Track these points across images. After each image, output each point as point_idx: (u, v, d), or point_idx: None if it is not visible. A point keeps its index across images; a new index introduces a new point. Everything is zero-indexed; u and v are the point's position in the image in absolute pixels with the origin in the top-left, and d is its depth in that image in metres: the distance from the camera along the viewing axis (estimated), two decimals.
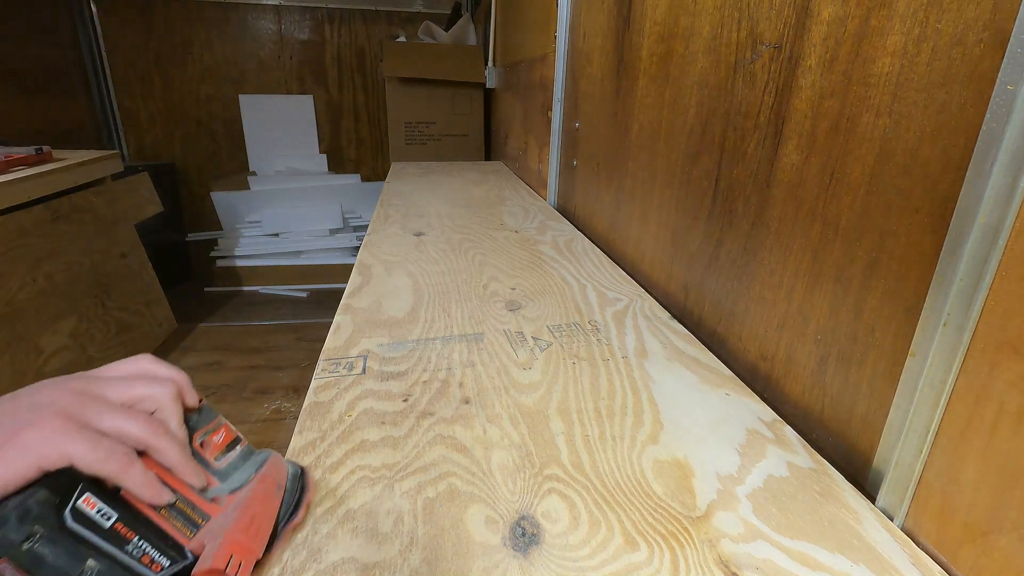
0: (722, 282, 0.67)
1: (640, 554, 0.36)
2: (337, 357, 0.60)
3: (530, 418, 0.51)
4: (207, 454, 0.35)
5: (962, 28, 0.37)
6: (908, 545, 0.39)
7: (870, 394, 0.46)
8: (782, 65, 0.55)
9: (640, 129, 0.91)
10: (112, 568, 0.27)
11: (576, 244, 1.06)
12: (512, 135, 2.04)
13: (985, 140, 0.34)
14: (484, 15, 2.47)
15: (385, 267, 0.89)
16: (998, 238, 0.34)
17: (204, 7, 2.83)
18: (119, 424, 0.30)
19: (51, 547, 0.26)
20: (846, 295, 0.48)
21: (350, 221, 2.89)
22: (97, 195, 1.87)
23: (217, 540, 0.30)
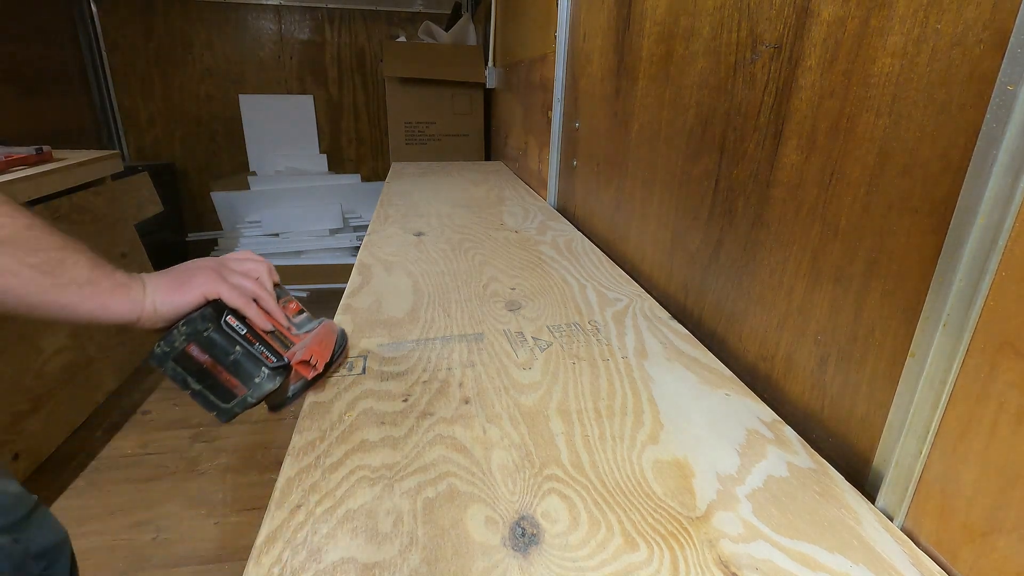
0: (722, 282, 0.67)
1: (640, 554, 0.36)
2: None
3: (530, 418, 0.51)
4: (286, 312, 0.57)
5: (962, 28, 0.37)
6: (908, 545, 0.39)
7: (870, 394, 0.46)
8: (782, 65, 0.55)
9: (640, 129, 0.91)
10: (246, 355, 0.49)
11: (576, 244, 1.06)
12: (512, 135, 2.04)
13: (985, 140, 0.34)
14: (484, 15, 2.47)
15: (385, 267, 0.89)
16: (998, 239, 0.34)
17: (204, 7, 2.83)
18: (241, 282, 0.53)
19: (217, 335, 0.48)
20: (846, 295, 0.48)
21: (350, 221, 2.89)
22: (97, 195, 1.87)
23: (302, 348, 0.52)
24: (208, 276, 0.51)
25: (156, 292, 0.49)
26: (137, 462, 1.47)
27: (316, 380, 0.54)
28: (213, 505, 1.33)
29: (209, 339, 0.48)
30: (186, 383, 0.49)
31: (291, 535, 0.37)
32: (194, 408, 1.73)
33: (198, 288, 0.50)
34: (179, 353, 0.48)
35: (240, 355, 0.49)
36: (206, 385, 0.49)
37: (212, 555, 1.20)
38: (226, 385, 0.49)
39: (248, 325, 0.51)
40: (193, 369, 0.48)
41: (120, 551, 1.19)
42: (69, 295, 0.45)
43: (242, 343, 0.50)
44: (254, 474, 1.44)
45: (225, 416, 0.50)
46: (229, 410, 0.50)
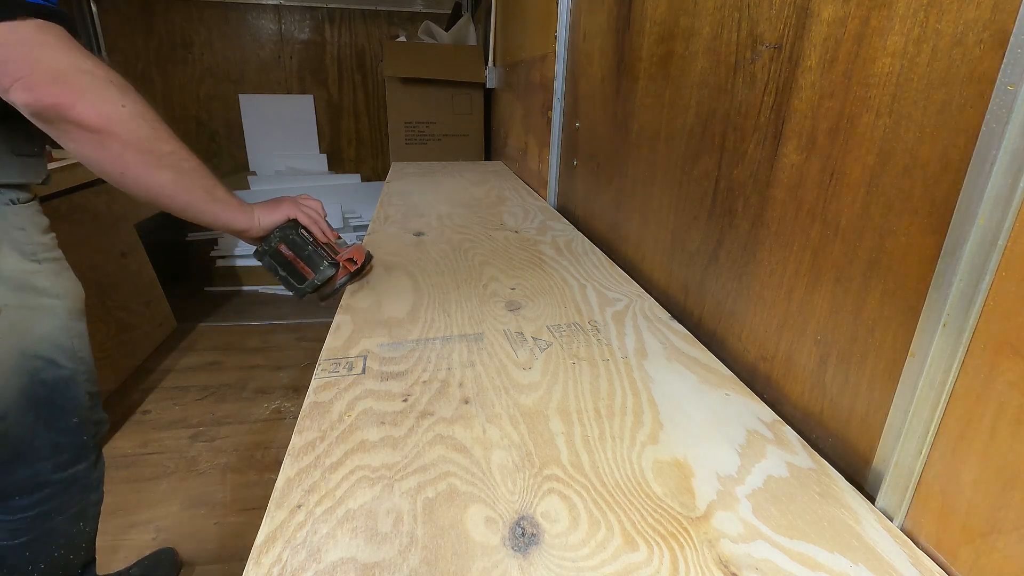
0: (722, 282, 0.67)
1: (640, 554, 0.36)
2: (337, 357, 0.60)
3: (530, 418, 0.51)
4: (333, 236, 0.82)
5: (962, 28, 0.37)
6: (907, 545, 0.39)
7: (870, 394, 0.46)
8: (782, 65, 0.55)
9: (640, 129, 0.91)
10: (314, 252, 0.74)
11: (576, 244, 1.06)
12: (512, 135, 2.04)
13: (985, 140, 0.34)
14: (484, 15, 2.47)
15: (385, 267, 0.89)
16: (998, 239, 0.34)
17: (204, 7, 2.83)
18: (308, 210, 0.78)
19: (297, 238, 0.74)
20: (846, 295, 0.48)
21: (350, 221, 2.89)
22: (97, 195, 1.87)
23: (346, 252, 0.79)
24: (289, 204, 0.77)
25: (260, 212, 0.75)
26: (137, 462, 1.47)
27: (354, 276, 0.81)
28: (213, 505, 1.33)
29: (292, 241, 0.75)
30: (276, 271, 0.77)
31: (291, 535, 0.37)
32: (194, 408, 1.74)
33: (283, 211, 0.76)
34: (274, 250, 0.76)
35: (310, 252, 0.76)
36: (288, 272, 0.77)
37: (212, 555, 1.20)
38: (301, 272, 0.76)
39: (312, 237, 0.78)
40: (281, 261, 0.76)
41: (120, 551, 1.19)
42: (217, 208, 0.69)
43: (311, 246, 0.76)
44: (254, 474, 1.44)
45: (300, 293, 0.78)
46: (303, 289, 0.77)
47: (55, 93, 0.55)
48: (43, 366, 0.71)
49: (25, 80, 0.54)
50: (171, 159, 0.63)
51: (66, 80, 0.56)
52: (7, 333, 0.67)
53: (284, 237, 0.75)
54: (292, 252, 0.75)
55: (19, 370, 0.69)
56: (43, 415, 0.73)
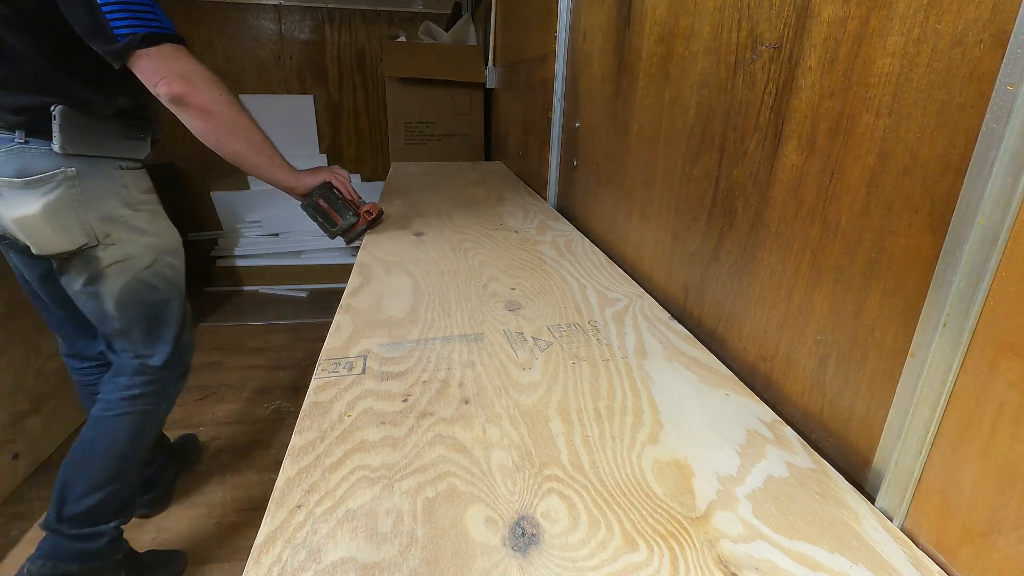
0: (722, 282, 0.67)
1: (640, 554, 0.36)
2: (337, 357, 0.60)
3: (530, 418, 0.51)
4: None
5: (962, 28, 0.37)
6: (907, 545, 0.39)
7: (869, 394, 0.46)
8: (782, 65, 0.55)
9: (640, 129, 0.91)
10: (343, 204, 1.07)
11: (576, 244, 1.06)
12: (512, 135, 2.04)
13: (985, 140, 0.34)
14: (484, 15, 2.47)
15: (385, 267, 0.89)
16: (998, 239, 0.34)
17: (204, 7, 2.83)
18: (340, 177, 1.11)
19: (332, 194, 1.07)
20: (846, 295, 0.48)
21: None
22: None
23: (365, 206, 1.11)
24: (325, 171, 1.09)
25: (305, 176, 1.05)
26: None
27: (371, 225, 1.12)
28: (213, 505, 1.33)
29: (327, 196, 1.06)
30: (315, 218, 1.08)
31: (291, 535, 0.37)
32: (194, 408, 1.74)
33: (322, 176, 1.08)
34: (314, 203, 1.06)
35: (340, 205, 1.07)
36: (324, 219, 1.07)
37: (212, 555, 1.20)
38: (334, 220, 1.07)
39: (341, 195, 1.08)
40: (320, 211, 1.07)
41: None
42: (275, 170, 0.99)
43: (340, 201, 1.07)
44: (254, 474, 1.44)
45: (332, 235, 1.09)
46: (334, 232, 1.08)
47: (181, 87, 0.86)
48: (145, 288, 1.00)
49: (165, 79, 0.85)
50: (246, 133, 0.95)
51: (188, 79, 0.87)
52: (121, 262, 0.96)
53: (322, 194, 1.06)
54: (327, 204, 1.07)
55: (130, 293, 0.99)
56: (147, 325, 1.03)
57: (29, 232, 0.89)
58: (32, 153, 0.87)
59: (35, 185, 0.87)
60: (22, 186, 0.87)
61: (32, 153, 0.87)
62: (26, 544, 1.21)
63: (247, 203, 2.72)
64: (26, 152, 0.87)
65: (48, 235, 0.89)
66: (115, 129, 0.95)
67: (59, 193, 0.89)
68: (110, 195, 0.94)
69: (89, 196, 0.92)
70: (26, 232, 0.89)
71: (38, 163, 0.87)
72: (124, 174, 0.97)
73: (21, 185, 0.87)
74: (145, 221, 0.99)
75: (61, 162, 0.89)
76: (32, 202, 0.87)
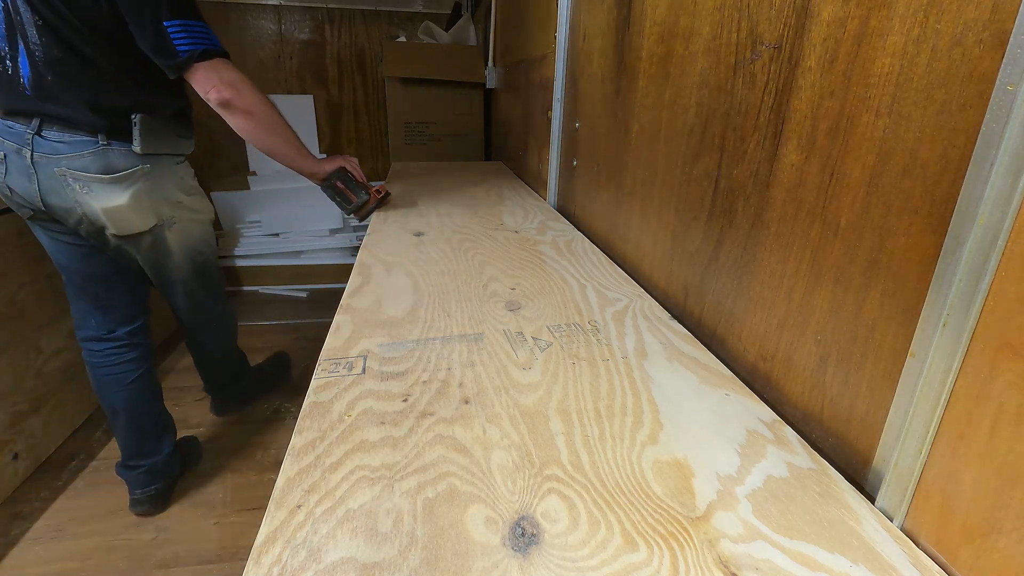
0: (722, 282, 0.67)
1: (640, 554, 0.36)
2: (337, 357, 0.60)
3: (530, 418, 0.51)
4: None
5: (962, 28, 0.37)
6: (907, 545, 0.39)
7: (870, 394, 0.46)
8: (782, 65, 0.55)
9: (640, 129, 0.91)
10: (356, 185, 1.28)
11: (576, 244, 1.06)
12: (512, 135, 2.04)
13: (985, 140, 0.34)
14: (484, 15, 2.47)
15: (385, 267, 0.89)
16: (998, 239, 0.34)
17: (204, 7, 2.81)
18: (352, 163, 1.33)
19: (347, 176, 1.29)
20: (846, 295, 0.48)
21: (350, 221, 2.88)
22: None
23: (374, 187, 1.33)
24: (340, 158, 1.30)
25: (324, 163, 1.27)
26: None
27: (380, 203, 1.33)
28: (213, 505, 1.33)
29: (344, 178, 1.26)
30: (334, 197, 1.27)
31: (291, 535, 0.37)
32: (194, 408, 1.74)
33: (337, 162, 1.29)
34: (332, 184, 1.26)
35: (354, 185, 1.27)
36: (341, 198, 1.27)
37: (212, 555, 1.20)
38: (349, 198, 1.26)
39: (355, 177, 1.29)
40: (337, 190, 1.26)
41: (120, 551, 1.19)
42: (301, 160, 1.22)
43: (354, 181, 1.28)
44: (254, 474, 1.44)
45: (347, 212, 1.28)
46: (349, 209, 1.27)
47: (230, 93, 1.06)
48: (197, 254, 1.29)
49: (216, 87, 1.05)
50: (279, 129, 1.17)
51: (234, 86, 1.07)
52: (180, 235, 1.22)
53: (339, 177, 1.27)
54: (343, 185, 1.27)
55: (187, 256, 1.27)
56: (202, 281, 1.34)
57: (115, 218, 1.08)
58: (115, 153, 1.05)
59: (120, 180, 1.06)
60: (109, 181, 1.05)
61: (115, 153, 1.05)
62: (26, 544, 1.21)
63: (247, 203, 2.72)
64: (110, 152, 1.05)
65: (132, 220, 1.10)
66: (173, 129, 1.15)
67: (139, 186, 1.09)
68: (172, 185, 1.17)
69: (158, 187, 1.13)
70: (112, 218, 1.07)
71: (121, 162, 1.06)
72: (179, 168, 1.19)
73: (108, 181, 1.05)
74: (196, 203, 1.25)
75: (138, 160, 1.08)
76: (120, 194, 1.07)
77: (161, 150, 1.12)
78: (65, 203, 1.05)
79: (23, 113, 1.01)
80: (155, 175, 1.11)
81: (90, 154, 1.03)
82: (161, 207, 1.15)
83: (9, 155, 1.02)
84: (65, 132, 1.02)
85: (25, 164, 1.01)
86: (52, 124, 1.01)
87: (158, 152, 1.11)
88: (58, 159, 1.01)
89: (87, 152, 1.02)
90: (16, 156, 1.01)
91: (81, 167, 1.03)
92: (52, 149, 1.01)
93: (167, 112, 1.12)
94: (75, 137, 1.02)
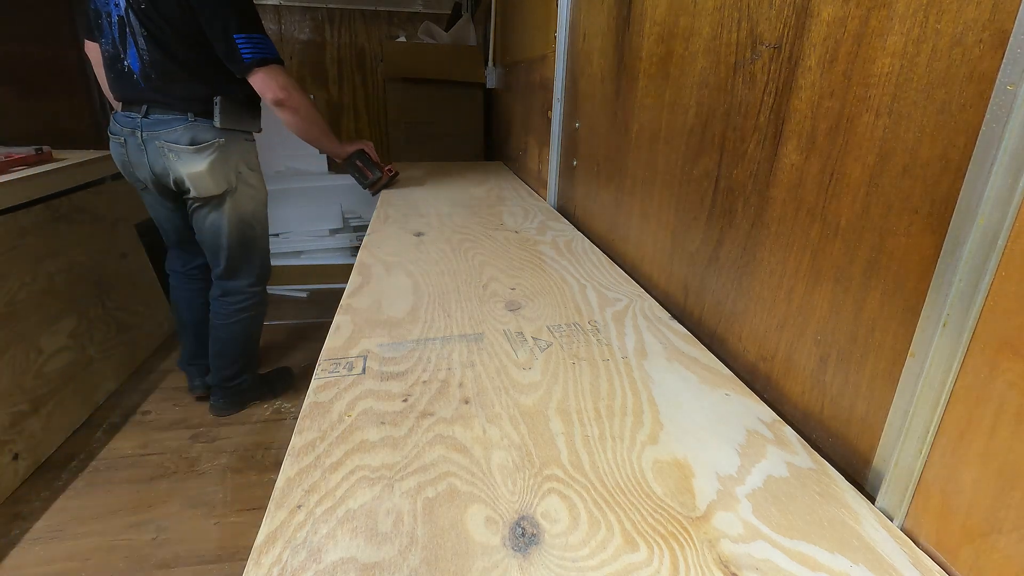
0: (722, 282, 0.67)
1: (640, 554, 0.36)
2: (337, 357, 0.60)
3: (530, 418, 0.51)
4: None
5: (962, 28, 0.37)
6: (907, 545, 0.39)
7: (870, 394, 0.46)
8: (782, 65, 0.55)
9: (640, 129, 0.91)
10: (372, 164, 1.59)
11: (576, 244, 1.06)
12: (512, 135, 2.04)
13: (985, 140, 0.34)
14: (484, 15, 2.47)
15: (385, 267, 0.89)
16: (998, 239, 0.34)
17: None
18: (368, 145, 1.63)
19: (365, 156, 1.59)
20: (846, 295, 0.48)
21: (350, 221, 2.88)
22: (97, 195, 1.87)
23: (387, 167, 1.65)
24: (359, 142, 1.59)
25: (347, 144, 1.57)
26: (137, 462, 1.47)
27: (391, 180, 1.65)
28: (213, 505, 1.33)
29: (362, 157, 1.57)
30: (353, 173, 1.58)
31: (291, 535, 0.37)
32: (194, 408, 1.74)
33: (358, 145, 1.59)
34: (353, 162, 1.56)
35: (371, 164, 1.57)
36: (359, 174, 1.57)
37: (212, 555, 1.20)
38: (366, 174, 1.56)
39: (371, 157, 1.58)
40: (357, 167, 1.57)
41: (120, 551, 1.19)
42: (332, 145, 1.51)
43: (371, 159, 1.58)
44: (254, 474, 1.44)
45: (364, 186, 1.59)
46: (366, 183, 1.57)
47: (283, 95, 1.33)
48: (247, 227, 1.50)
49: (271, 89, 1.31)
50: (317, 121, 1.45)
51: (285, 88, 1.33)
52: (237, 206, 1.46)
53: (358, 156, 1.57)
54: (362, 164, 1.56)
55: (238, 227, 1.48)
56: (246, 255, 1.54)
57: (196, 181, 1.37)
58: (199, 128, 1.34)
59: (201, 151, 1.35)
60: (193, 151, 1.34)
61: (199, 128, 1.34)
62: (26, 544, 1.21)
63: None
64: (195, 127, 1.34)
65: (208, 184, 1.38)
66: (244, 110, 1.43)
67: (215, 156, 1.36)
68: (238, 157, 1.43)
69: (230, 158, 1.40)
70: (194, 182, 1.37)
71: (204, 135, 1.35)
72: (247, 144, 1.47)
73: (193, 151, 1.34)
74: (255, 180, 1.50)
75: (217, 134, 1.36)
76: (201, 162, 1.35)
77: (234, 126, 1.40)
78: (164, 170, 1.37)
79: (136, 101, 1.34)
80: (227, 147, 1.39)
81: (182, 129, 1.33)
82: (230, 176, 1.42)
83: (127, 138, 1.37)
84: (164, 114, 1.33)
85: (138, 142, 1.36)
86: (155, 109, 1.33)
87: (232, 128, 1.39)
88: (159, 134, 1.33)
89: (179, 127, 1.33)
90: (132, 137, 1.36)
91: (174, 139, 1.33)
92: (155, 127, 1.33)
93: (240, 96, 1.39)
94: (171, 116, 1.33)
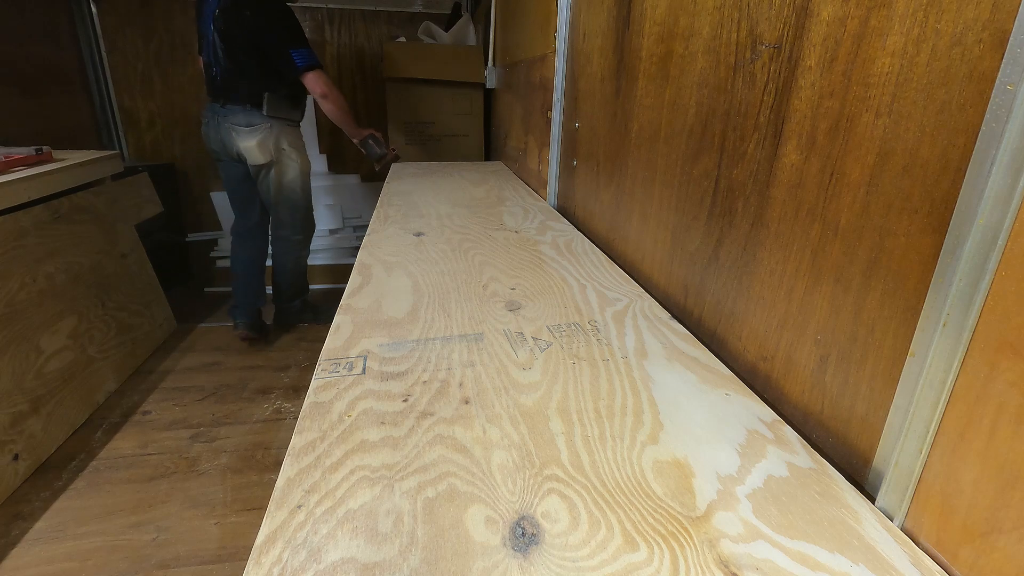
0: (722, 282, 0.67)
1: (640, 554, 0.37)
2: (337, 357, 0.60)
3: (530, 418, 0.51)
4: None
5: (962, 28, 0.37)
6: (908, 545, 0.39)
7: (870, 394, 0.46)
8: (782, 65, 0.55)
9: (640, 129, 0.91)
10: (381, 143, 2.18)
11: (576, 244, 1.06)
12: (512, 135, 2.04)
13: (985, 140, 0.34)
14: (484, 15, 2.47)
15: (385, 267, 0.89)
16: (997, 238, 0.34)
17: None
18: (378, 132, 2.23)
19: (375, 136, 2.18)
20: (846, 295, 0.48)
21: (350, 221, 2.89)
22: (97, 195, 1.87)
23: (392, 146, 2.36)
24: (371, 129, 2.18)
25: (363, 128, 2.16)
26: (137, 462, 1.47)
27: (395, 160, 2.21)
28: (213, 505, 1.33)
29: (374, 138, 2.15)
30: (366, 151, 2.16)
31: (291, 535, 0.37)
32: (194, 408, 1.74)
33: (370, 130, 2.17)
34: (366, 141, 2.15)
35: (380, 142, 2.16)
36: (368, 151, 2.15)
37: (212, 555, 1.20)
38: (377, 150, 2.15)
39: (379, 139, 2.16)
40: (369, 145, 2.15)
41: (120, 551, 1.19)
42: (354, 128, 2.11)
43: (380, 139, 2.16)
44: (254, 474, 1.44)
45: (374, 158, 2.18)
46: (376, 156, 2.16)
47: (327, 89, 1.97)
48: (291, 192, 2.10)
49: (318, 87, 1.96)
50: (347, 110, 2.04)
51: (328, 86, 1.98)
52: (281, 173, 2.06)
53: (371, 137, 2.10)
54: (374, 142, 2.10)
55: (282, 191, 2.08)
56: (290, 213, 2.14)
57: (248, 152, 1.97)
58: (253, 114, 1.94)
59: (253, 131, 1.95)
60: (248, 131, 1.95)
61: (253, 114, 1.94)
62: (26, 544, 1.21)
63: None
64: (250, 114, 1.94)
65: (256, 155, 1.97)
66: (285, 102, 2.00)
67: (263, 135, 1.96)
68: (283, 138, 2.01)
69: (274, 137, 1.98)
70: (248, 153, 1.97)
71: (256, 119, 1.95)
72: (289, 128, 2.04)
73: (247, 130, 1.95)
74: (296, 154, 2.06)
75: (264, 119, 1.95)
76: (252, 138, 1.95)
77: (278, 114, 1.97)
78: (230, 143, 1.98)
79: (217, 96, 1.96)
80: (274, 129, 1.97)
81: (241, 114, 1.94)
82: (273, 150, 1.99)
83: (210, 120, 1.99)
84: (232, 105, 1.94)
85: (216, 123, 1.97)
86: (228, 101, 1.94)
87: (277, 116, 1.97)
88: (228, 118, 1.95)
89: (240, 113, 1.94)
90: (213, 119, 1.98)
91: (236, 122, 1.94)
92: (226, 114, 1.95)
93: (283, 92, 1.97)
94: (235, 106, 1.94)
